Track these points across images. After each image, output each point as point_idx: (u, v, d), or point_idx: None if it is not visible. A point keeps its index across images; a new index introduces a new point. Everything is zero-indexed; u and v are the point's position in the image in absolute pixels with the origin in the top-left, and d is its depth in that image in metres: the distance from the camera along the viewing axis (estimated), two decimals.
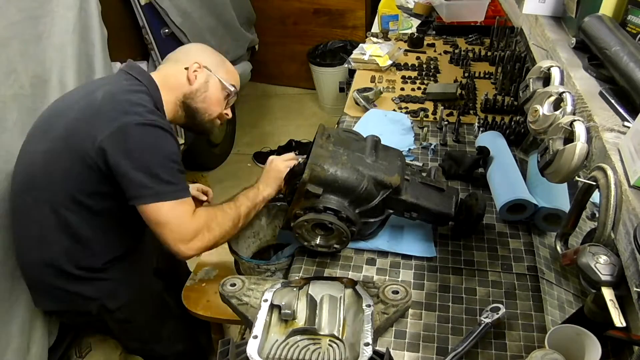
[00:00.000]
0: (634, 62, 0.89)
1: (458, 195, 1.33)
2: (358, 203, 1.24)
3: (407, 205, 1.28)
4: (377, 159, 1.28)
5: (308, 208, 1.22)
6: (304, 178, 1.19)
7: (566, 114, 0.95)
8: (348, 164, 1.23)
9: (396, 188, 1.24)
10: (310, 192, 1.21)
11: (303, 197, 1.22)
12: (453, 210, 1.29)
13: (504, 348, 1.10)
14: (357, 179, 1.21)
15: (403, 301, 1.12)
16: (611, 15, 1.06)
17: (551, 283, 1.26)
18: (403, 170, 1.30)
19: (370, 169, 1.24)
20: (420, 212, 1.29)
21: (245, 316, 1.12)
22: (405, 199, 1.27)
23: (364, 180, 1.22)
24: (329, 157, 1.22)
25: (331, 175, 1.20)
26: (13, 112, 1.64)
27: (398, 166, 1.28)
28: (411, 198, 1.27)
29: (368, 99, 1.95)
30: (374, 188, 1.23)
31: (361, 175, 1.22)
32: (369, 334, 1.01)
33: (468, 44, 2.49)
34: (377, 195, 1.24)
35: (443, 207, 1.29)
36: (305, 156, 1.32)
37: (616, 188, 0.77)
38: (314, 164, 1.20)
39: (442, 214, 1.29)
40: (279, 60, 4.27)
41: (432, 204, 1.29)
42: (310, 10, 3.92)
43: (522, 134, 1.68)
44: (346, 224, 1.22)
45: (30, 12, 1.72)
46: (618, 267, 0.79)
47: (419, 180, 1.33)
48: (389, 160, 1.30)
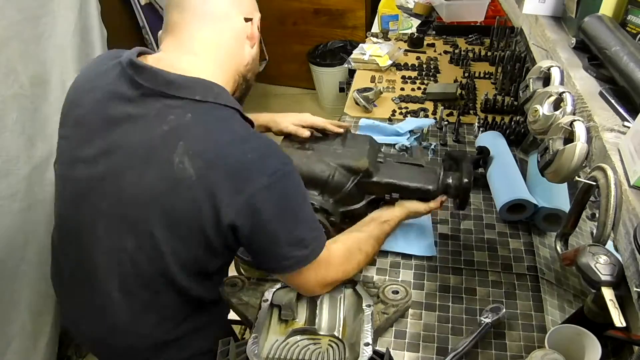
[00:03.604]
0: (634, 62, 0.88)
1: (441, 168, 1.28)
2: (331, 192, 1.23)
3: (383, 186, 1.25)
4: (344, 147, 1.28)
5: None
6: None
7: (566, 114, 0.95)
8: (313, 157, 1.24)
9: (366, 171, 1.23)
10: None
11: None
12: (434, 185, 1.24)
13: (504, 348, 1.10)
14: (322, 170, 1.21)
15: (403, 301, 1.13)
16: (611, 15, 1.06)
17: (551, 283, 1.26)
18: (374, 153, 1.29)
19: (336, 158, 1.24)
20: (400, 191, 1.25)
21: (245, 316, 1.12)
22: (378, 180, 1.24)
23: (330, 169, 1.22)
24: (293, 155, 1.22)
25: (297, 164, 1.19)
26: (13, 112, 1.64)
27: (367, 150, 1.27)
28: (386, 178, 1.25)
29: (368, 99, 1.95)
30: (343, 175, 1.23)
31: (326, 165, 1.22)
32: (369, 334, 1.01)
33: (468, 44, 2.48)
34: (347, 181, 1.23)
35: (422, 182, 1.25)
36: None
37: (616, 188, 0.77)
38: None
39: (421, 189, 1.24)
40: (279, 61, 4.26)
41: (410, 181, 1.25)
42: (310, 11, 3.92)
43: (522, 134, 1.68)
44: (323, 215, 1.22)
45: (30, 12, 1.72)
46: (618, 267, 0.79)
47: (395, 160, 1.32)
48: (357, 146, 1.29)
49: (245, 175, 0.92)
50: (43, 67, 1.79)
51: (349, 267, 1.11)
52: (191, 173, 0.91)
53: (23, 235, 1.77)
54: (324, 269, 1.06)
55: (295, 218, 0.99)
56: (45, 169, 1.79)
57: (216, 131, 0.95)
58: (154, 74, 0.95)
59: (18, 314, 1.74)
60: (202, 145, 0.92)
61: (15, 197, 1.69)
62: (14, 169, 1.67)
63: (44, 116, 1.77)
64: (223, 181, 0.91)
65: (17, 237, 1.74)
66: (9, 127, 1.62)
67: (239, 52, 1.06)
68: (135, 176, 0.95)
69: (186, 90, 0.95)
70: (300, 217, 1.01)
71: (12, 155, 1.63)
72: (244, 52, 1.07)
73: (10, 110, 1.64)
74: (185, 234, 0.96)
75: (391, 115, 1.93)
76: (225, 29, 1.02)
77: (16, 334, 1.73)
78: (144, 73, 0.96)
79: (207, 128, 0.94)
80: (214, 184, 0.91)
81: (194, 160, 0.91)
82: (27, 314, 1.77)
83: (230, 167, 0.92)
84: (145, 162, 0.94)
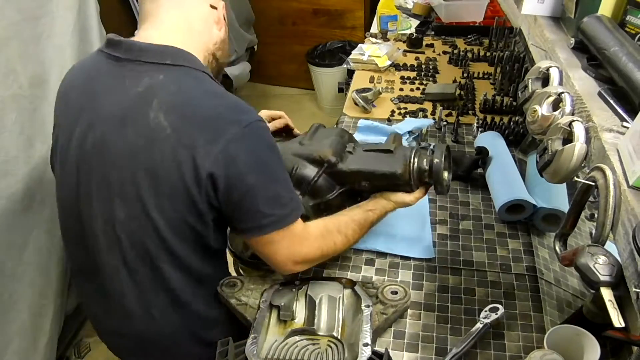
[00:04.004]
0: (633, 62, 0.89)
1: (411, 152, 1.21)
2: (297, 185, 1.22)
3: (349, 174, 1.23)
4: (312, 141, 1.29)
5: None
6: None
7: (565, 115, 0.95)
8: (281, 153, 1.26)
9: (329, 161, 1.22)
10: None
11: None
12: (401, 168, 1.19)
13: (502, 348, 1.10)
14: (286, 163, 1.21)
15: (402, 301, 1.12)
16: (610, 15, 1.06)
17: (550, 283, 1.26)
18: (339, 143, 1.27)
19: (301, 151, 1.25)
20: (368, 178, 1.23)
21: (244, 316, 1.12)
22: (344, 169, 1.23)
23: (294, 162, 1.22)
24: None
25: None
26: (12, 112, 1.64)
27: (332, 140, 1.26)
28: (351, 166, 1.23)
29: (367, 100, 1.95)
30: (309, 167, 1.23)
31: (291, 158, 1.23)
32: (368, 334, 1.01)
33: (467, 44, 2.49)
34: (313, 173, 1.23)
35: (388, 167, 1.21)
36: None
37: (615, 188, 0.77)
38: None
39: (387, 174, 1.21)
40: (278, 61, 4.27)
41: (375, 167, 1.22)
42: (309, 11, 3.92)
43: (521, 134, 1.68)
44: None
45: (30, 12, 1.72)
46: (617, 267, 0.79)
47: (363, 149, 1.29)
48: (323, 138, 1.29)
49: (219, 126, 0.97)
50: (42, 68, 1.79)
51: (324, 245, 1.12)
52: (166, 126, 0.96)
53: (22, 235, 1.77)
54: (298, 242, 1.07)
55: (271, 173, 1.03)
56: (44, 169, 1.79)
57: (189, 88, 1.01)
58: (129, 46, 1.03)
59: (17, 314, 1.74)
60: (175, 100, 0.98)
61: (14, 197, 1.69)
62: (13, 169, 1.67)
63: (43, 116, 1.77)
64: (197, 132, 0.96)
65: (17, 237, 1.74)
66: (8, 127, 1.62)
67: (207, 32, 1.12)
68: (115, 139, 1.00)
69: (159, 56, 1.01)
70: (277, 174, 1.04)
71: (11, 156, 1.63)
72: (212, 33, 1.13)
73: (10, 110, 1.64)
74: (168, 191, 0.99)
75: (390, 116, 1.93)
76: (192, 13, 1.09)
77: (16, 334, 1.73)
78: (120, 46, 1.03)
79: (180, 85, 1.00)
80: (189, 136, 0.95)
81: (168, 115, 0.96)
82: (26, 314, 1.77)
83: (204, 119, 0.97)
84: (123, 123, 0.99)
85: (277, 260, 1.08)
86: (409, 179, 1.19)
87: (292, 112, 1.40)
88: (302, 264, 1.11)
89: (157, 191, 0.99)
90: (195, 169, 0.95)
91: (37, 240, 1.83)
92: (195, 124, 0.96)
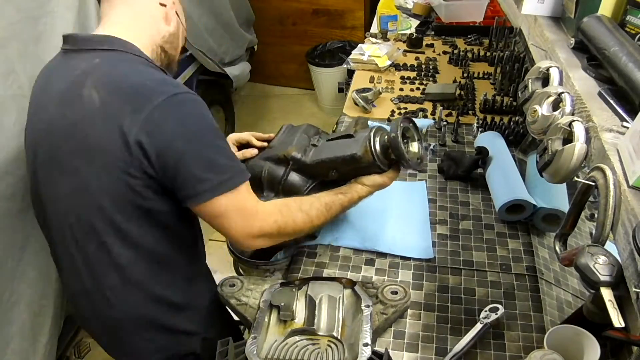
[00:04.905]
0: (633, 62, 0.89)
1: (372, 131, 1.20)
2: (270, 186, 1.27)
3: (314, 166, 1.25)
4: (279, 142, 1.33)
5: None
6: None
7: (565, 115, 0.95)
8: (250, 162, 1.33)
9: (293, 158, 1.25)
10: None
11: None
12: (360, 149, 1.18)
13: (502, 348, 1.10)
14: (254, 167, 1.28)
15: (402, 301, 1.12)
16: (610, 15, 1.06)
17: (550, 283, 1.26)
18: (303, 140, 1.30)
19: (267, 153, 1.30)
20: (333, 166, 1.23)
21: (244, 316, 1.12)
22: (309, 162, 1.25)
23: (261, 165, 1.28)
24: None
25: None
26: (12, 112, 1.64)
27: (295, 139, 1.30)
28: (314, 158, 1.25)
29: (367, 100, 1.95)
30: (276, 167, 1.27)
31: (258, 163, 1.29)
32: (368, 335, 1.01)
33: (467, 44, 2.49)
34: (282, 171, 1.27)
35: (348, 150, 1.20)
36: None
37: (615, 188, 0.77)
38: None
39: (346, 157, 1.20)
40: (278, 61, 4.26)
41: (337, 153, 1.22)
42: (309, 11, 3.92)
43: (521, 134, 1.68)
44: None
45: (29, 12, 1.72)
46: (617, 267, 0.79)
47: (326, 140, 1.32)
48: (290, 136, 1.33)
49: (144, 96, 1.01)
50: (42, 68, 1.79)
51: (282, 220, 1.13)
52: (96, 100, 1.02)
53: (22, 235, 1.76)
54: (250, 215, 1.09)
55: (201, 139, 1.04)
56: None
57: (121, 67, 1.07)
58: (74, 38, 1.13)
59: (17, 314, 1.74)
60: (106, 78, 1.05)
61: (14, 197, 1.69)
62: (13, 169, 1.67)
63: None
64: (124, 103, 1.01)
65: (16, 237, 1.74)
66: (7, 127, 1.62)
67: (155, 27, 1.18)
68: (58, 120, 1.07)
69: (98, 44, 1.10)
70: (208, 140, 1.05)
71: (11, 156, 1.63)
72: (160, 28, 1.19)
73: (9, 110, 1.63)
74: (102, 163, 1.03)
75: (390, 116, 1.93)
76: (140, 9, 1.17)
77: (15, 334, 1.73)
78: (68, 40, 1.14)
79: (113, 66, 1.07)
80: (116, 107, 1.01)
81: (98, 91, 1.02)
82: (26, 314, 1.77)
83: (129, 90, 1.03)
84: (62, 104, 1.07)
85: (232, 234, 1.09)
86: (372, 159, 1.18)
87: (292, 112, 1.40)
88: (260, 239, 1.12)
89: (94, 165, 1.03)
90: (123, 137, 0.99)
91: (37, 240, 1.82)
92: (122, 95, 1.02)
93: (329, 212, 1.19)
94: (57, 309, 1.97)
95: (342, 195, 1.22)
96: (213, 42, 3.01)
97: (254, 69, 3.66)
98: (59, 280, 1.96)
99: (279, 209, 1.14)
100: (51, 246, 1.23)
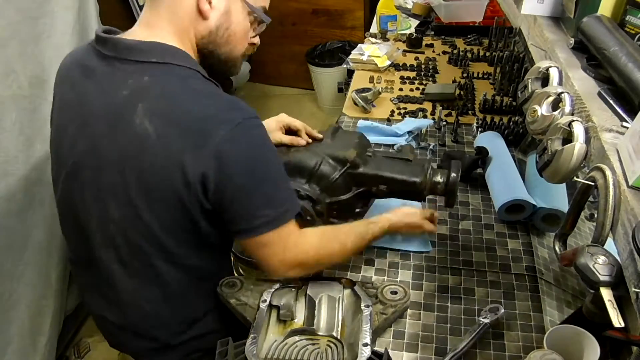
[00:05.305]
0: (633, 62, 0.89)
1: (429, 164, 1.29)
2: (317, 181, 1.26)
3: (369, 177, 1.27)
4: (334, 141, 1.33)
5: None
6: None
7: (565, 115, 0.95)
8: (302, 149, 1.31)
9: (353, 162, 1.26)
10: None
11: None
12: (421, 177, 1.25)
13: (502, 348, 1.10)
14: (310, 157, 1.26)
15: (401, 301, 1.12)
16: (610, 15, 1.06)
17: (550, 283, 1.26)
18: (361, 146, 1.32)
19: (325, 148, 1.29)
20: (386, 183, 1.27)
21: (243, 316, 1.12)
22: (365, 171, 1.27)
23: (318, 158, 1.25)
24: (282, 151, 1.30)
25: (285, 158, 1.25)
26: (12, 112, 1.64)
27: (355, 142, 1.31)
28: (373, 170, 1.27)
29: (367, 100, 1.95)
30: (330, 165, 1.26)
31: (315, 154, 1.27)
32: (368, 335, 1.01)
33: (467, 44, 2.49)
34: (334, 171, 1.26)
35: (408, 174, 1.26)
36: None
37: (615, 188, 0.77)
38: None
39: (407, 181, 1.25)
40: (277, 61, 4.26)
41: (397, 174, 1.26)
42: (308, 11, 3.92)
43: (520, 134, 1.68)
44: (309, 203, 1.23)
45: (29, 12, 1.72)
46: (617, 267, 0.79)
47: (382, 155, 1.35)
48: (346, 139, 1.34)
49: (205, 129, 0.93)
50: (42, 68, 1.79)
51: (321, 251, 1.11)
52: (151, 132, 0.93)
53: (22, 235, 1.77)
54: (292, 246, 1.05)
55: (264, 172, 1.00)
56: (44, 169, 1.79)
57: (174, 90, 0.97)
58: (114, 43, 1.00)
59: (17, 314, 1.74)
60: (160, 104, 0.95)
61: (14, 197, 1.69)
62: (13, 169, 1.67)
63: (43, 117, 1.77)
64: (184, 137, 0.93)
65: (16, 237, 1.74)
66: (7, 127, 1.62)
67: (191, 25, 1.02)
68: (107, 143, 0.99)
69: (144, 54, 0.98)
70: (270, 173, 1.01)
71: (11, 156, 1.63)
72: (197, 26, 1.03)
73: (9, 110, 1.64)
74: (159, 196, 0.98)
75: (390, 116, 1.93)
76: (177, 6, 1.00)
77: (15, 334, 1.73)
78: (107, 44, 1.01)
79: (165, 87, 0.97)
80: (176, 142, 0.93)
81: (152, 120, 0.94)
82: (26, 314, 1.77)
83: (189, 122, 0.94)
84: (113, 127, 0.97)
85: (270, 263, 1.07)
86: (423, 188, 1.26)
87: (292, 112, 1.40)
88: (296, 269, 1.09)
89: (148, 196, 0.98)
90: (185, 175, 0.94)
91: (37, 241, 1.83)
92: (181, 128, 0.94)
93: (362, 242, 1.19)
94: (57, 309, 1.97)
95: (374, 225, 1.22)
96: None
97: (254, 69, 3.66)
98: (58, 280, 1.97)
99: (319, 240, 1.12)
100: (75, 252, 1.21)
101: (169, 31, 1.01)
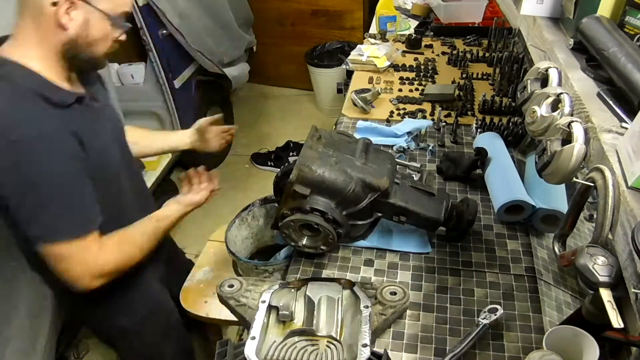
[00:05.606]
0: (632, 63, 0.89)
1: (449, 200, 1.32)
2: (345, 205, 1.23)
3: (396, 209, 1.27)
4: (366, 161, 1.27)
5: (295, 208, 1.22)
6: (291, 178, 1.19)
7: (564, 115, 0.95)
8: (337, 165, 1.22)
9: (384, 191, 1.23)
10: (297, 193, 1.20)
11: (291, 198, 1.22)
12: (442, 216, 1.28)
13: (501, 349, 1.10)
14: (345, 181, 1.21)
15: (401, 302, 1.12)
16: (609, 16, 1.06)
17: (549, 284, 1.26)
18: (393, 173, 1.29)
19: (358, 172, 1.23)
20: (409, 216, 1.28)
21: (243, 317, 1.12)
22: (394, 202, 1.26)
23: (352, 183, 1.21)
24: (318, 159, 1.21)
25: (319, 176, 1.19)
26: None
27: (388, 169, 1.27)
28: (400, 202, 1.26)
29: (366, 100, 1.95)
30: (362, 190, 1.23)
31: (349, 177, 1.21)
32: (367, 335, 1.01)
33: (466, 45, 2.49)
34: (365, 197, 1.23)
35: (432, 212, 1.28)
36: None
37: (614, 189, 0.77)
38: (302, 165, 1.19)
39: (431, 219, 1.28)
40: (276, 62, 4.27)
41: (422, 209, 1.28)
42: (308, 12, 3.93)
43: (520, 135, 1.68)
44: (333, 225, 1.22)
45: None
46: (616, 268, 0.79)
47: (409, 184, 1.33)
48: (378, 163, 1.29)
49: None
50: None
51: (120, 258, 1.24)
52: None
53: None
54: (92, 257, 1.17)
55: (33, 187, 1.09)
56: None
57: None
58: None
59: (17, 315, 1.74)
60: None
61: None
62: None
63: None
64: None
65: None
66: None
67: (51, 32, 1.11)
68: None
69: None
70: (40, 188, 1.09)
71: None
72: (60, 36, 1.12)
73: None
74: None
75: (389, 117, 1.93)
76: (37, 15, 1.10)
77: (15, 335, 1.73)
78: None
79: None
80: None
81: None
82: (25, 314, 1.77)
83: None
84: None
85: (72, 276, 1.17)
86: (441, 224, 1.31)
87: (291, 113, 1.40)
88: (101, 278, 1.21)
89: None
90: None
91: None
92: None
93: (156, 239, 1.34)
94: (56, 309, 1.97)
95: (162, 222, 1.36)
96: (212, 42, 3.01)
97: (253, 70, 3.65)
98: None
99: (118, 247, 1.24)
100: None
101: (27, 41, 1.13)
